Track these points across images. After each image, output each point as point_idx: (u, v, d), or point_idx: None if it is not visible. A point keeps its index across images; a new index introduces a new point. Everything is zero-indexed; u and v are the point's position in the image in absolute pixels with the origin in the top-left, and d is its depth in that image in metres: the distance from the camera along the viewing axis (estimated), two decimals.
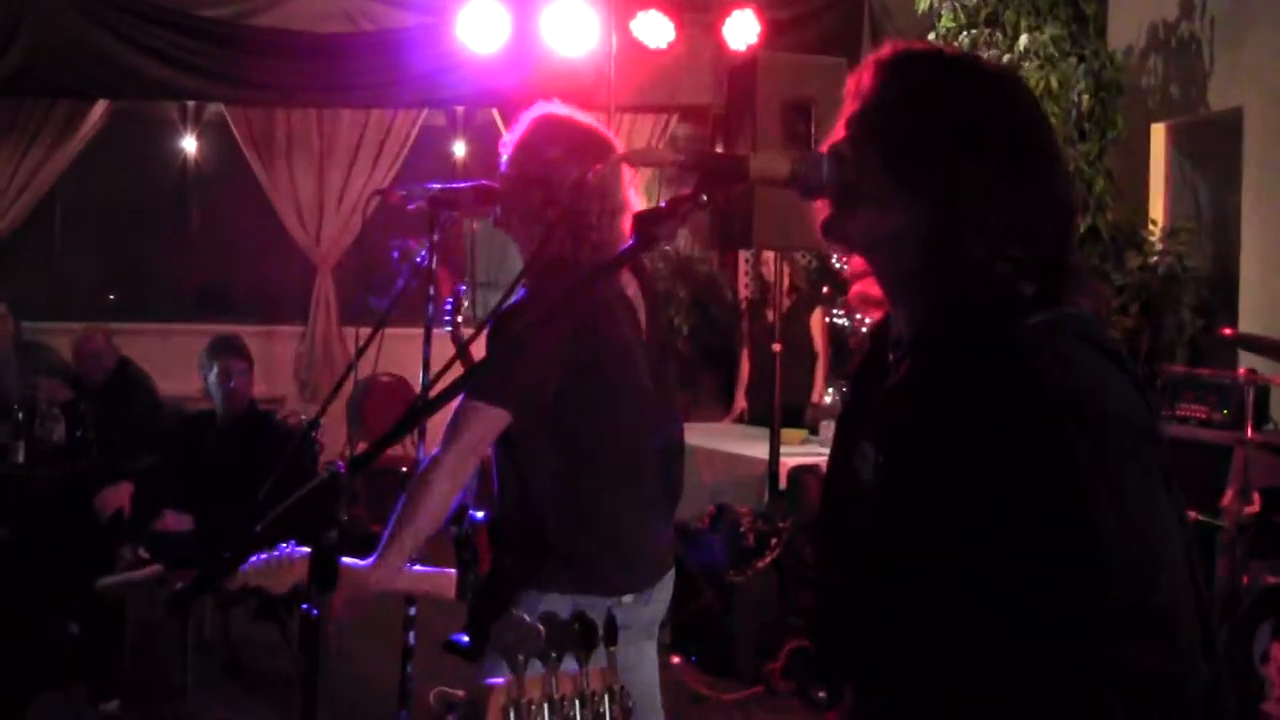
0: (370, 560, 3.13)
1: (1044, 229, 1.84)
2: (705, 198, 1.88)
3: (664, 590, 3.56)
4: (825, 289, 10.00)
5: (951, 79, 1.90)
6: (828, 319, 9.70)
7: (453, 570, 3.51)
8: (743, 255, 11.29)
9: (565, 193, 3.29)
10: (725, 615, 6.96)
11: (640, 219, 1.88)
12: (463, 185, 3.53)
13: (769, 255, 8.53)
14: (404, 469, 9.52)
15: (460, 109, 11.62)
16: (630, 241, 1.88)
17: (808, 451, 7.92)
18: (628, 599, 3.41)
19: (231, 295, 12.36)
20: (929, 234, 1.83)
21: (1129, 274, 8.26)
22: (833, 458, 2.09)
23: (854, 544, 1.94)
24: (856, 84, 1.97)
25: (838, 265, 10.26)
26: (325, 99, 10.52)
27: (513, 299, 3.10)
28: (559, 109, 3.51)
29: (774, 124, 6.77)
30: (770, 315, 8.31)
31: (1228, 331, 6.35)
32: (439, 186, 3.49)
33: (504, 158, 3.47)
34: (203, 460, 6.63)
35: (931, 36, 7.46)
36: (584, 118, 3.51)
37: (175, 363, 9.02)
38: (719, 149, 9.49)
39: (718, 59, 8.50)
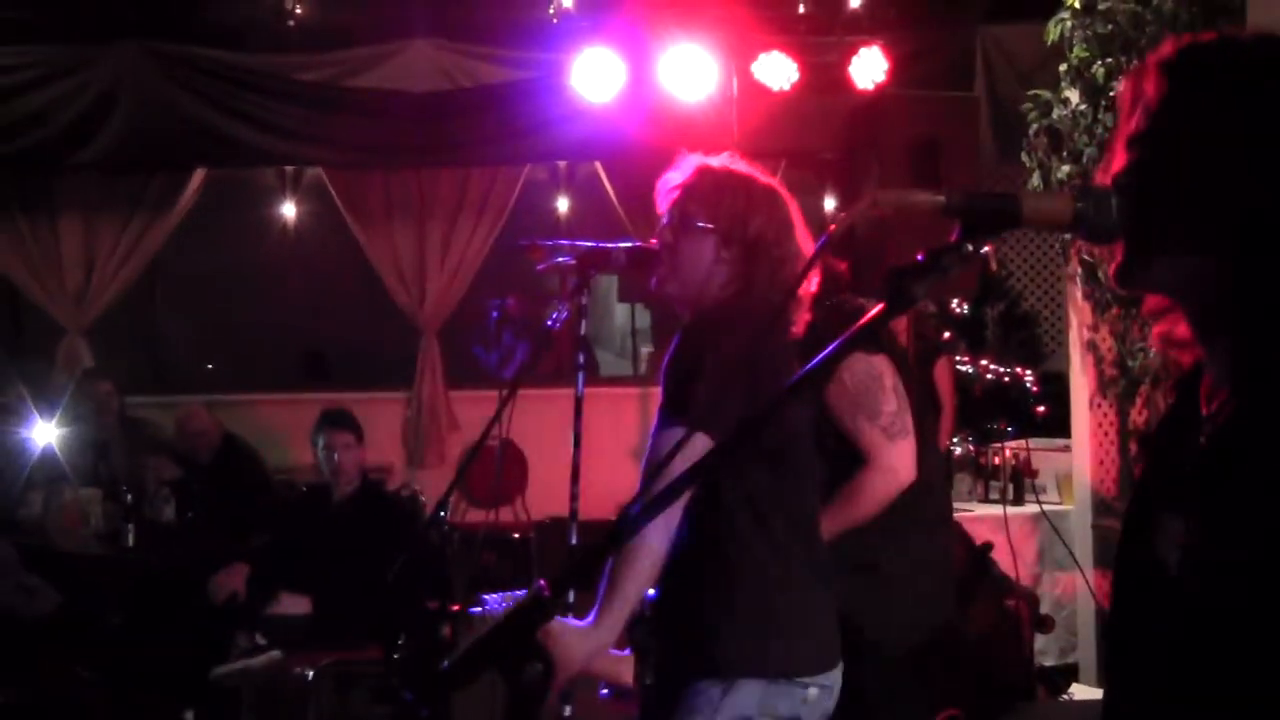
0: (588, 621, 2.80)
1: None
2: (971, 247, 1.55)
3: (839, 676, 3.23)
4: (947, 335, 9.64)
5: (1255, 74, 1.51)
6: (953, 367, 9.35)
7: (627, 652, 3.19)
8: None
9: (749, 238, 3.05)
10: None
11: (895, 275, 1.55)
12: (616, 245, 3.25)
13: None
14: (515, 534, 9.27)
15: (563, 164, 11.39)
16: (883, 301, 1.55)
17: None
18: (813, 691, 3.08)
19: (335, 362, 12.18)
20: (1253, 267, 1.46)
21: None
22: (1125, 539, 1.66)
23: (1158, 653, 1.52)
24: (1134, 94, 1.59)
25: (958, 310, 9.92)
26: (425, 159, 10.30)
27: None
28: (715, 160, 3.26)
29: (901, 164, 6.43)
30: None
31: None
32: (590, 245, 3.21)
33: (667, 211, 3.19)
34: (318, 539, 6.39)
35: (1063, 68, 7.09)
36: (742, 167, 3.25)
37: (279, 433, 8.85)
38: (830, 197, 9.18)
39: (835, 100, 8.19)
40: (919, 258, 1.54)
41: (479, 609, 3.16)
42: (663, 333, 12.67)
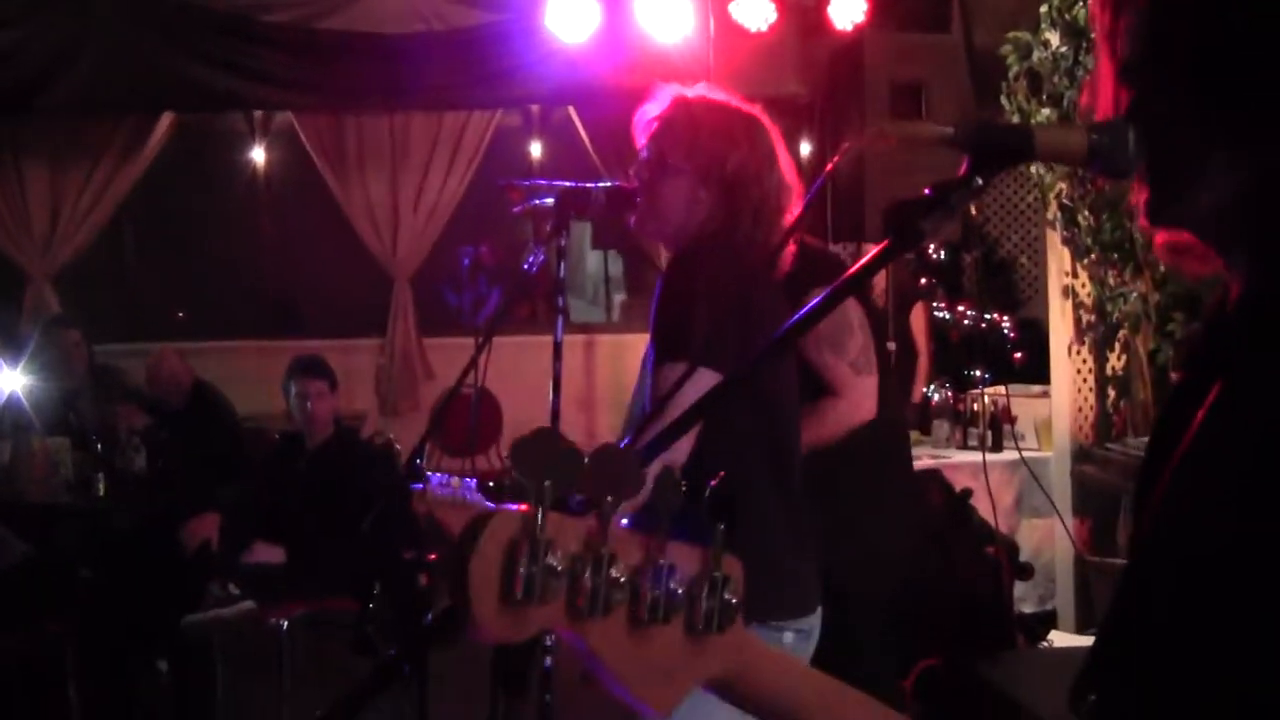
0: None
1: None
2: (980, 181, 1.47)
3: (817, 620, 3.19)
4: (923, 281, 9.58)
5: None
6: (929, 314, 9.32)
7: None
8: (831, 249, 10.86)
9: (728, 178, 2.97)
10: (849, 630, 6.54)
11: (898, 211, 1.47)
12: (595, 185, 3.17)
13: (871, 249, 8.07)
14: (491, 482, 9.18)
15: (536, 108, 11.27)
16: (886, 239, 1.47)
17: (920, 454, 7.52)
18: (789, 636, 3.03)
19: (307, 309, 12.07)
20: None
21: None
22: (1149, 457, 1.51)
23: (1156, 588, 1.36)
24: (1115, 12, 1.49)
25: (936, 257, 9.86)
26: (397, 103, 10.18)
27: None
28: (691, 91, 3.18)
29: (883, 106, 6.34)
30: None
31: None
32: (570, 185, 3.12)
33: (645, 147, 3.11)
34: (291, 487, 6.31)
35: (1044, 9, 6.99)
36: (720, 96, 3.17)
37: (251, 381, 8.75)
38: (807, 141, 9.09)
39: (813, 41, 8.09)
40: (926, 192, 1.46)
41: (420, 484, 3.08)
42: (636, 280, 12.61)
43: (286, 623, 6.01)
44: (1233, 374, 1.33)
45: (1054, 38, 6.98)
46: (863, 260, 1.48)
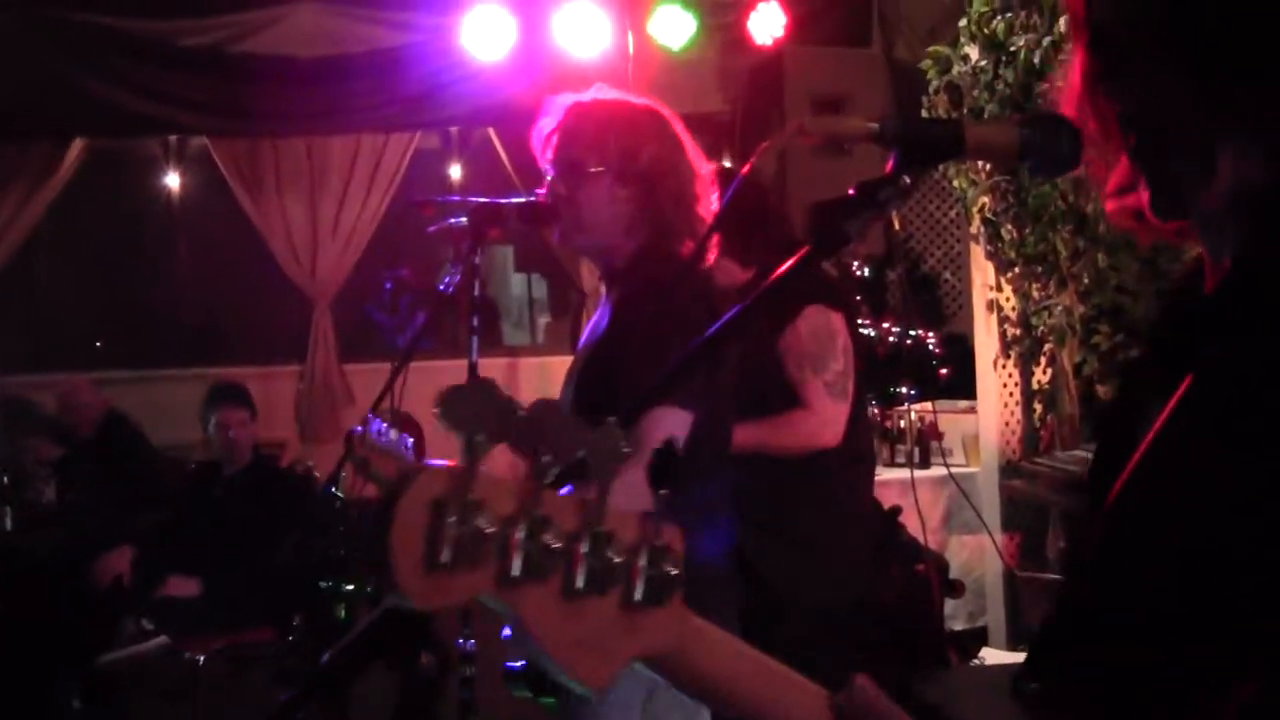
0: None
1: None
2: (909, 180, 1.39)
3: None
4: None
5: None
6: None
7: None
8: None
9: (644, 171, 2.92)
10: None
11: (823, 212, 1.38)
12: (508, 200, 3.10)
13: None
14: None
15: (455, 130, 11.16)
16: (811, 242, 1.39)
17: None
18: None
19: (225, 336, 11.89)
20: None
21: None
22: (1102, 450, 1.45)
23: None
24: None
25: (860, 273, 9.83)
26: (313, 126, 10.03)
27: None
28: (584, 96, 3.14)
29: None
30: None
31: None
32: (484, 200, 3.05)
33: (552, 162, 3.05)
34: (208, 518, 6.19)
35: (963, 23, 6.99)
36: (613, 95, 3.13)
37: (169, 410, 8.57)
38: (728, 158, 9.04)
39: (733, 57, 8.06)
40: (850, 192, 1.38)
41: (361, 428, 3.01)
42: (560, 302, 12.51)
43: (203, 657, 5.87)
44: (1210, 364, 1.25)
45: (973, 51, 6.98)
46: (783, 267, 1.38)
